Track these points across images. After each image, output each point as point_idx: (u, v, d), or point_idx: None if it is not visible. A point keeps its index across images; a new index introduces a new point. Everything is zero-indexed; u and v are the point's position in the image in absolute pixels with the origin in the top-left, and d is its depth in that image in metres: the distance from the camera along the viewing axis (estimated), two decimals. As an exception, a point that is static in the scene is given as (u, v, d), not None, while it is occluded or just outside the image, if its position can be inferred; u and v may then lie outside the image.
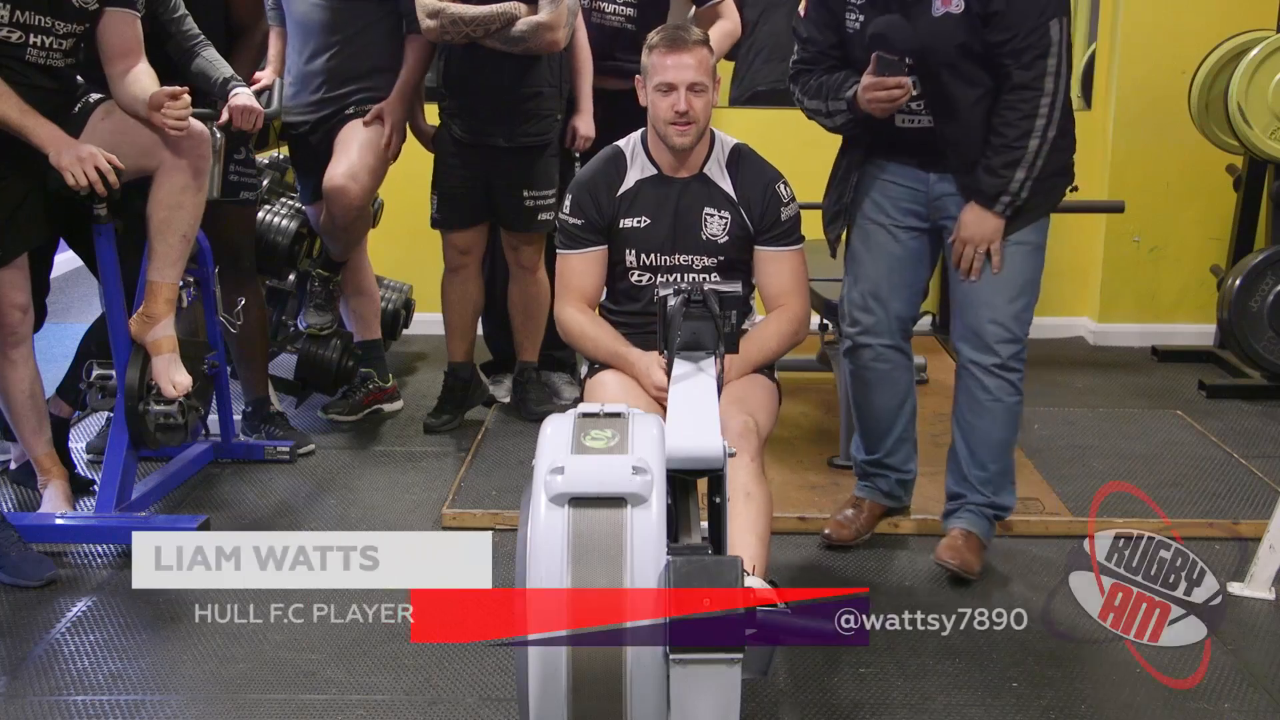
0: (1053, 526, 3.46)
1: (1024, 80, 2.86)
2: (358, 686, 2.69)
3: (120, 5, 3.18)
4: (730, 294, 2.52)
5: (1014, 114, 2.89)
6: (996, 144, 2.93)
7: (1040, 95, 2.86)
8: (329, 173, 3.95)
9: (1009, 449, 3.16)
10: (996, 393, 3.07)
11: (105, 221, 3.22)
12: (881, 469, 3.34)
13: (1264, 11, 4.99)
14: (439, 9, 3.86)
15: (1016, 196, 2.94)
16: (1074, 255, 5.44)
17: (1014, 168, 2.91)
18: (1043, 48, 2.83)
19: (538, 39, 3.88)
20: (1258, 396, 4.71)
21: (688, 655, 1.75)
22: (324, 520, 3.56)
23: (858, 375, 3.28)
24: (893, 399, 3.27)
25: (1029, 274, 3.08)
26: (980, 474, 3.15)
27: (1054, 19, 2.83)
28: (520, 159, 4.05)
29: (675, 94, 2.93)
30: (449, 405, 4.31)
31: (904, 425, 3.30)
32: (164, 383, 3.31)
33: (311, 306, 4.26)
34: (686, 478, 2.13)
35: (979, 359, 3.08)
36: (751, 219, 3.04)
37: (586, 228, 3.06)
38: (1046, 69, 2.84)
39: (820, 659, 2.78)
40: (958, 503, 3.22)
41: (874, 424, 3.31)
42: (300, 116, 4.08)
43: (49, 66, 3.12)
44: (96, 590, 3.11)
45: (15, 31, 3.02)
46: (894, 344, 3.21)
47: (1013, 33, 2.84)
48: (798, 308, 3.06)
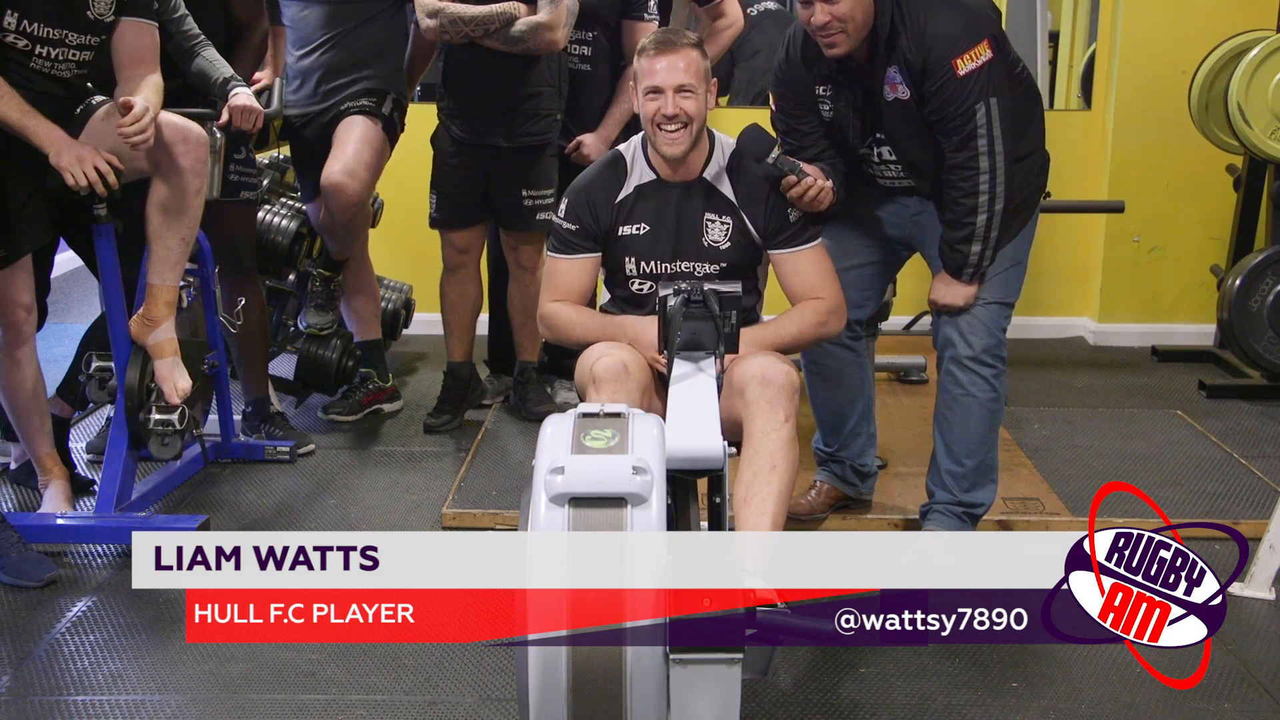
0: (1053, 526, 3.46)
1: (958, 160, 2.95)
2: (358, 686, 2.69)
3: (137, 15, 3.17)
4: (730, 294, 2.52)
5: (956, 192, 2.97)
6: (949, 219, 3.02)
7: (976, 174, 2.94)
8: (327, 169, 3.94)
9: (985, 446, 3.16)
10: (969, 387, 3.10)
11: (105, 221, 3.22)
12: (835, 459, 3.43)
13: (1264, 11, 4.99)
14: (438, 9, 3.86)
15: (979, 267, 3.03)
16: (1074, 255, 5.44)
17: (969, 242, 2.99)
18: (969, 131, 2.92)
19: (537, 39, 3.88)
20: (1258, 396, 4.71)
21: (688, 655, 1.75)
22: (324, 520, 3.56)
23: (809, 370, 3.35)
24: (843, 395, 3.34)
25: (1007, 286, 3.12)
26: (955, 469, 3.16)
27: (979, 101, 2.90)
28: (520, 159, 4.05)
29: (662, 98, 2.89)
30: (449, 405, 4.31)
31: (856, 420, 3.38)
32: (167, 387, 3.31)
33: (312, 306, 4.26)
34: (686, 478, 2.13)
35: (952, 352, 3.12)
36: (756, 224, 3.01)
37: (581, 234, 3.03)
38: (978, 149, 2.92)
39: (820, 659, 2.78)
40: (929, 504, 3.24)
41: (827, 417, 3.40)
42: (295, 111, 4.08)
43: (54, 76, 3.10)
44: (96, 590, 3.11)
45: (22, 39, 3.02)
46: (841, 342, 3.25)
47: (941, 113, 2.93)
48: (829, 300, 3.00)
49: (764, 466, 2.62)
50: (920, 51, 2.90)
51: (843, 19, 2.88)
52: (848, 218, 3.21)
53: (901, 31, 2.91)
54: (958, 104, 2.90)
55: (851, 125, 3.06)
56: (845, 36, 2.91)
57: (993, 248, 3.00)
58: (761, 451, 2.64)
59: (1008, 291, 3.12)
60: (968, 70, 2.89)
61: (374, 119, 4.00)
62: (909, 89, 2.95)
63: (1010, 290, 3.13)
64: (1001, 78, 2.94)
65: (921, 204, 3.15)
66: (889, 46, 2.93)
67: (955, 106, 2.91)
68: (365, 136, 3.97)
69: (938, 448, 3.20)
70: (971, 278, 3.04)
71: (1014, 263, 3.12)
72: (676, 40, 2.93)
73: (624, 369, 2.75)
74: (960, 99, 2.90)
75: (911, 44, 2.91)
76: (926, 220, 3.15)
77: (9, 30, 2.99)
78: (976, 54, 2.89)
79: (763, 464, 2.62)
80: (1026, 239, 3.16)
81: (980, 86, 2.89)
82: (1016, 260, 3.13)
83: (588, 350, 2.90)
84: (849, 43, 2.92)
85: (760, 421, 2.69)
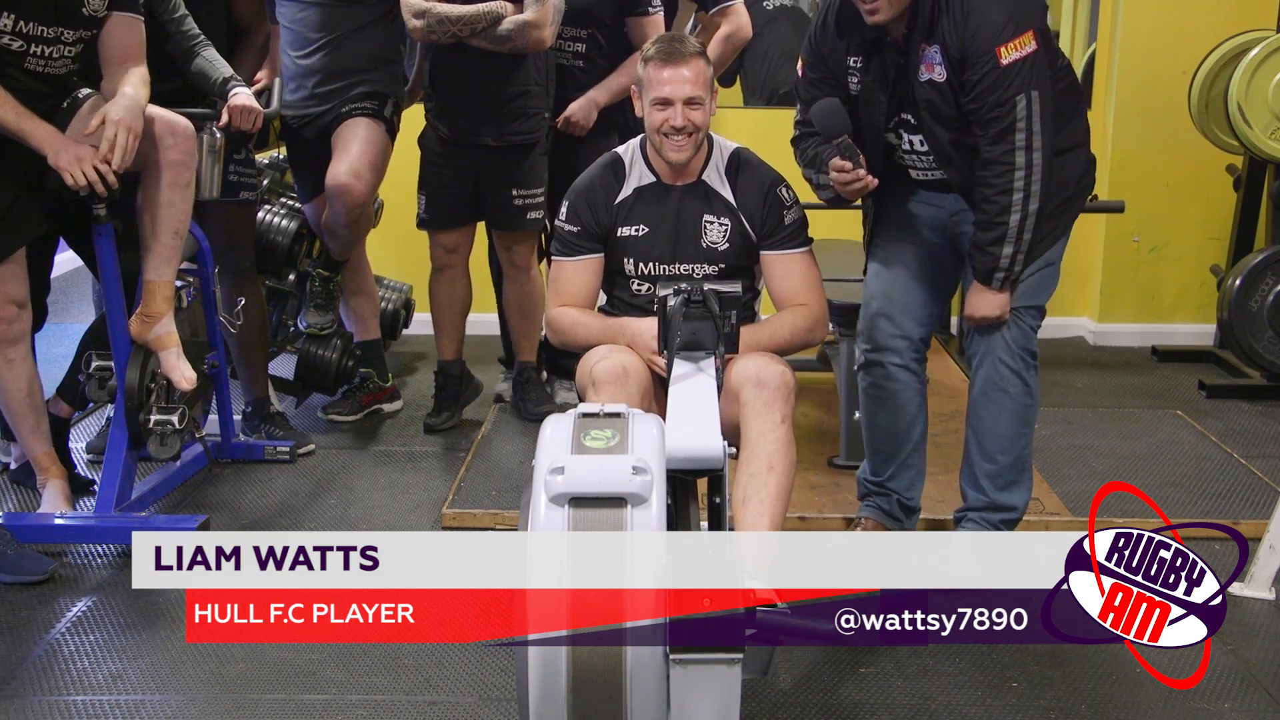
0: (1053, 526, 3.46)
1: (993, 155, 2.86)
2: (358, 686, 2.69)
3: (126, 9, 3.18)
4: (730, 294, 2.52)
5: (990, 189, 2.88)
6: (980, 219, 2.92)
7: (1011, 170, 2.84)
8: (331, 170, 3.93)
9: (1019, 443, 3.10)
10: (1001, 383, 3.04)
11: (105, 221, 3.22)
12: (884, 490, 3.30)
13: (1264, 11, 4.99)
14: (425, 9, 3.86)
15: (1010, 271, 2.93)
16: (1074, 255, 5.37)
17: (1000, 244, 2.89)
18: (1008, 122, 2.82)
19: (524, 37, 3.88)
20: (1258, 396, 4.71)
21: (688, 655, 1.75)
22: (324, 520, 3.56)
23: (867, 392, 3.25)
24: (899, 420, 3.22)
25: (1039, 288, 3.06)
26: (989, 466, 3.11)
27: (1020, 94, 2.82)
28: (508, 157, 4.04)
29: (671, 109, 2.90)
30: (445, 403, 4.31)
31: (909, 450, 3.25)
32: (176, 377, 3.33)
33: (312, 306, 4.26)
34: (686, 478, 2.13)
35: (984, 350, 3.05)
36: (753, 225, 3.01)
37: (583, 235, 3.04)
38: (1015, 143, 2.83)
39: (820, 659, 2.78)
40: (963, 509, 3.20)
41: (881, 445, 3.27)
42: (293, 112, 4.07)
43: (47, 74, 3.11)
44: (96, 590, 3.11)
45: (16, 40, 3.02)
46: (903, 363, 3.16)
47: (980, 103, 2.85)
48: (814, 307, 3.01)
49: (761, 468, 2.62)
50: (963, 37, 2.81)
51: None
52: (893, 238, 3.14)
53: (945, 13, 2.82)
54: (998, 93, 2.81)
55: (878, 103, 2.97)
56: (887, 4, 2.82)
57: (1025, 253, 2.90)
58: (759, 453, 2.64)
59: (1039, 294, 3.04)
60: (1011, 60, 2.79)
61: (377, 121, 4.00)
62: (946, 70, 2.86)
63: (1042, 292, 3.05)
64: (1045, 72, 2.85)
65: (959, 202, 3.05)
66: (930, 26, 2.84)
67: (995, 96, 2.81)
68: (369, 138, 3.96)
69: (970, 446, 3.14)
70: (1003, 284, 2.94)
71: (1048, 263, 3.04)
72: (683, 50, 2.93)
73: (623, 371, 2.76)
74: (1001, 88, 2.81)
75: (954, 28, 2.82)
76: (965, 218, 3.04)
77: (4, 32, 2.99)
78: (1021, 44, 2.80)
79: (760, 465, 2.62)
80: (1064, 242, 3.08)
81: (1023, 78, 2.80)
82: (1051, 261, 3.05)
83: (588, 353, 2.91)
84: (889, 11, 2.84)
85: (756, 423, 2.69)
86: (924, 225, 3.14)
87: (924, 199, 3.12)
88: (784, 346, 3.00)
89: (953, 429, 3.76)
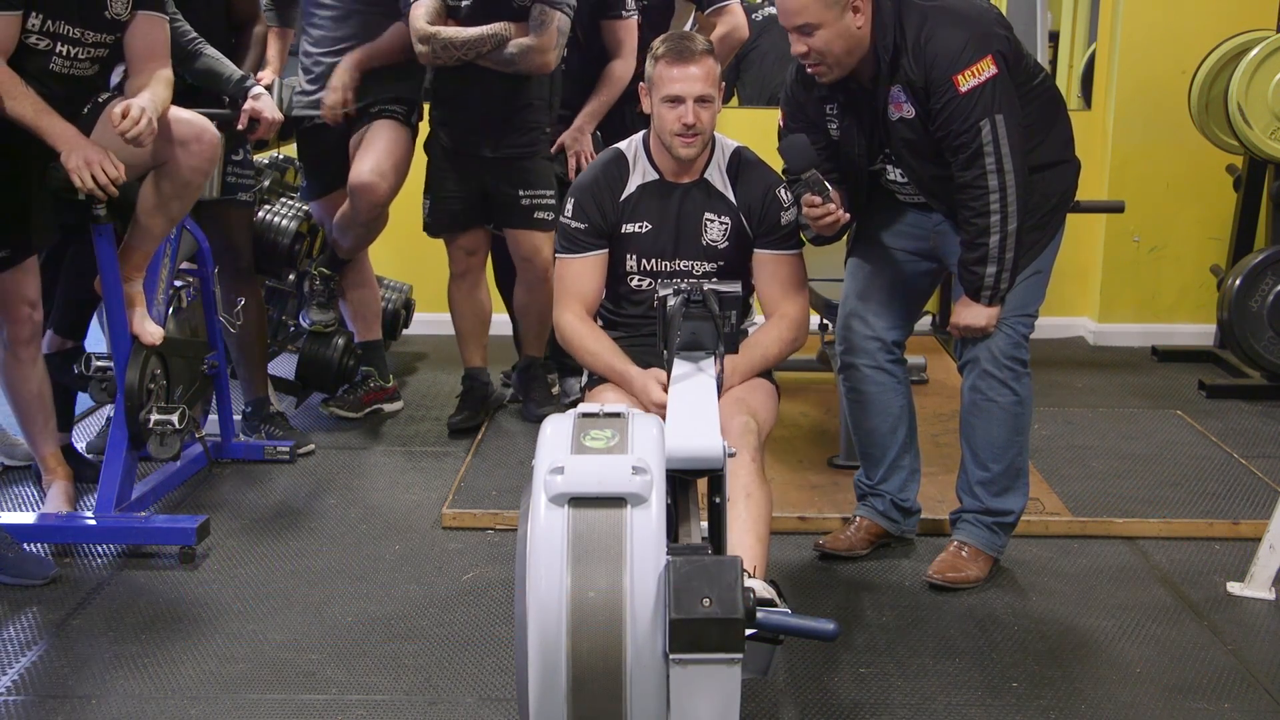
0: (1053, 526, 3.46)
1: (966, 180, 2.90)
2: (358, 686, 2.69)
3: (150, 9, 3.19)
4: (730, 294, 2.52)
5: (968, 212, 2.92)
6: (963, 240, 2.97)
7: (986, 193, 2.88)
8: (356, 169, 3.98)
9: (1011, 450, 3.12)
10: (989, 393, 3.06)
11: (105, 221, 3.22)
12: (876, 493, 3.32)
13: (1264, 11, 5.00)
14: (430, 34, 3.88)
15: (996, 289, 2.96)
16: (1074, 255, 5.43)
17: (983, 264, 2.93)
18: (975, 147, 2.86)
19: (528, 61, 3.91)
20: (1258, 396, 4.71)
21: (688, 655, 1.75)
22: (324, 520, 3.56)
23: (847, 396, 3.29)
24: (882, 422, 3.24)
25: (1027, 296, 3.07)
26: (982, 474, 3.13)
27: (984, 119, 2.85)
28: (509, 165, 4.07)
29: (683, 107, 2.92)
30: (468, 404, 4.32)
31: (898, 452, 3.27)
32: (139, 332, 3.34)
33: (314, 304, 4.26)
34: (686, 478, 2.13)
35: (973, 359, 3.08)
36: (751, 224, 3.04)
37: (589, 231, 3.05)
38: (985, 167, 2.86)
39: (820, 659, 2.78)
40: (957, 512, 3.21)
41: (867, 448, 3.30)
42: (316, 111, 4.08)
43: (71, 75, 3.11)
44: (96, 590, 3.11)
45: (44, 40, 3.03)
46: (876, 364, 3.20)
47: (945, 130, 2.89)
48: (796, 313, 3.05)
49: (739, 496, 2.65)
50: (922, 69, 2.87)
51: (820, 52, 2.87)
52: (873, 239, 3.19)
53: (905, 51, 2.88)
54: (960, 120, 2.85)
55: (858, 144, 3.04)
56: (827, 68, 2.90)
57: (1010, 269, 2.93)
58: (734, 485, 2.64)
59: (1026, 302, 3.05)
60: (970, 86, 2.84)
61: (403, 125, 4.08)
62: (914, 107, 2.92)
63: (1029, 300, 3.06)
64: (1008, 93, 2.88)
65: (943, 216, 3.10)
66: (892, 66, 2.90)
67: (959, 124, 2.86)
68: (396, 139, 4.04)
69: (965, 455, 3.17)
70: (990, 300, 2.97)
71: (1035, 272, 3.06)
72: (693, 48, 2.94)
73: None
74: (963, 116, 2.85)
75: (913, 62, 2.88)
76: (948, 229, 3.09)
77: (32, 31, 3.00)
78: (979, 70, 2.84)
79: (738, 494, 2.65)
80: (1053, 251, 3.10)
81: (984, 103, 2.84)
82: (1039, 270, 3.07)
83: (594, 391, 2.98)
84: (834, 73, 2.91)
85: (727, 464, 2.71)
86: (904, 232, 3.19)
87: (907, 210, 3.18)
88: (775, 361, 3.06)
89: (953, 429, 3.76)
